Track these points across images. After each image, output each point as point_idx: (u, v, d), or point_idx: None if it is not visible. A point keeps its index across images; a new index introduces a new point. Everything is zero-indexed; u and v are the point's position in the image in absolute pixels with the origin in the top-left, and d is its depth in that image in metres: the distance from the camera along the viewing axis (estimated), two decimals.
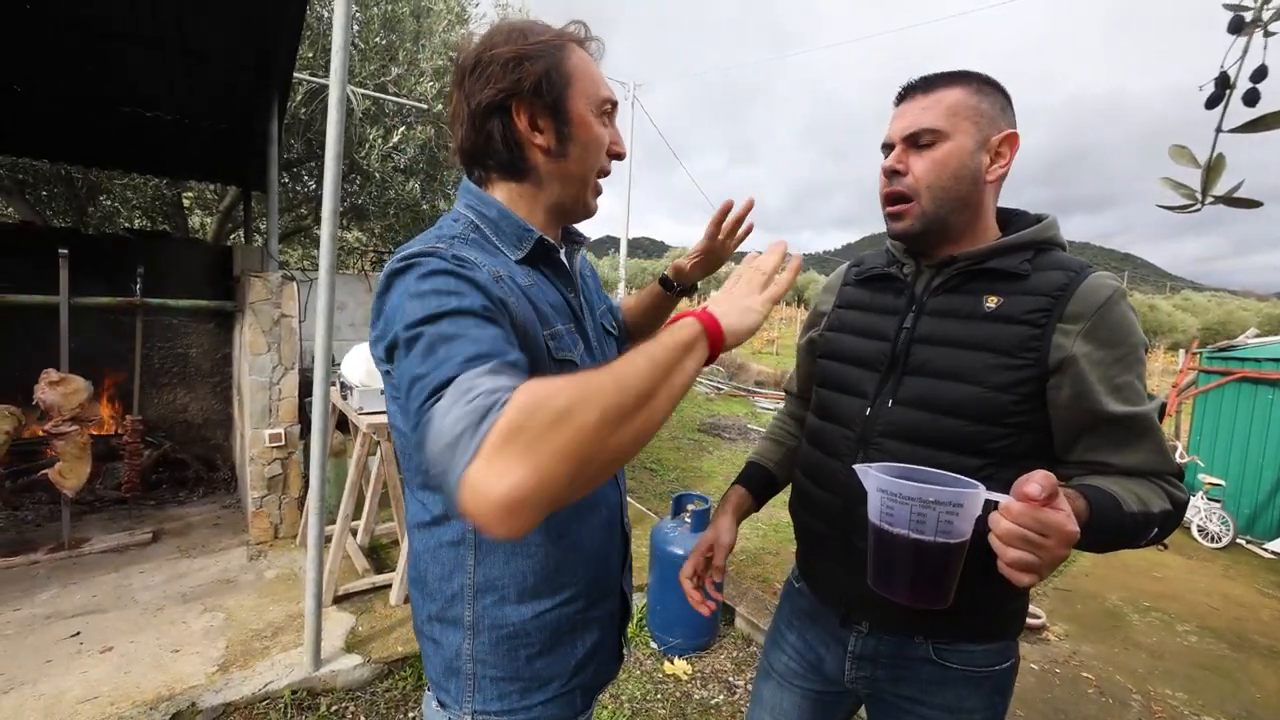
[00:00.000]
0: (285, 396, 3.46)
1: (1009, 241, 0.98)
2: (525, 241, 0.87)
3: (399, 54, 3.64)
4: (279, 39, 2.85)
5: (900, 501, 0.77)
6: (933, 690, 1.05)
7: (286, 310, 3.42)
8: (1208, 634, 3.64)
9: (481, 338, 0.65)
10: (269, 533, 3.49)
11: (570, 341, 0.87)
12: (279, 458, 3.46)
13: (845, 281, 1.24)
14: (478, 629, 0.87)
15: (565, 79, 0.85)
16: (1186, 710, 2.87)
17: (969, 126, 0.95)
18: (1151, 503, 0.86)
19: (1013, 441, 0.94)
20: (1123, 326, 0.91)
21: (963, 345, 0.97)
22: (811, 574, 1.20)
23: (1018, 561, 0.71)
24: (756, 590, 3.42)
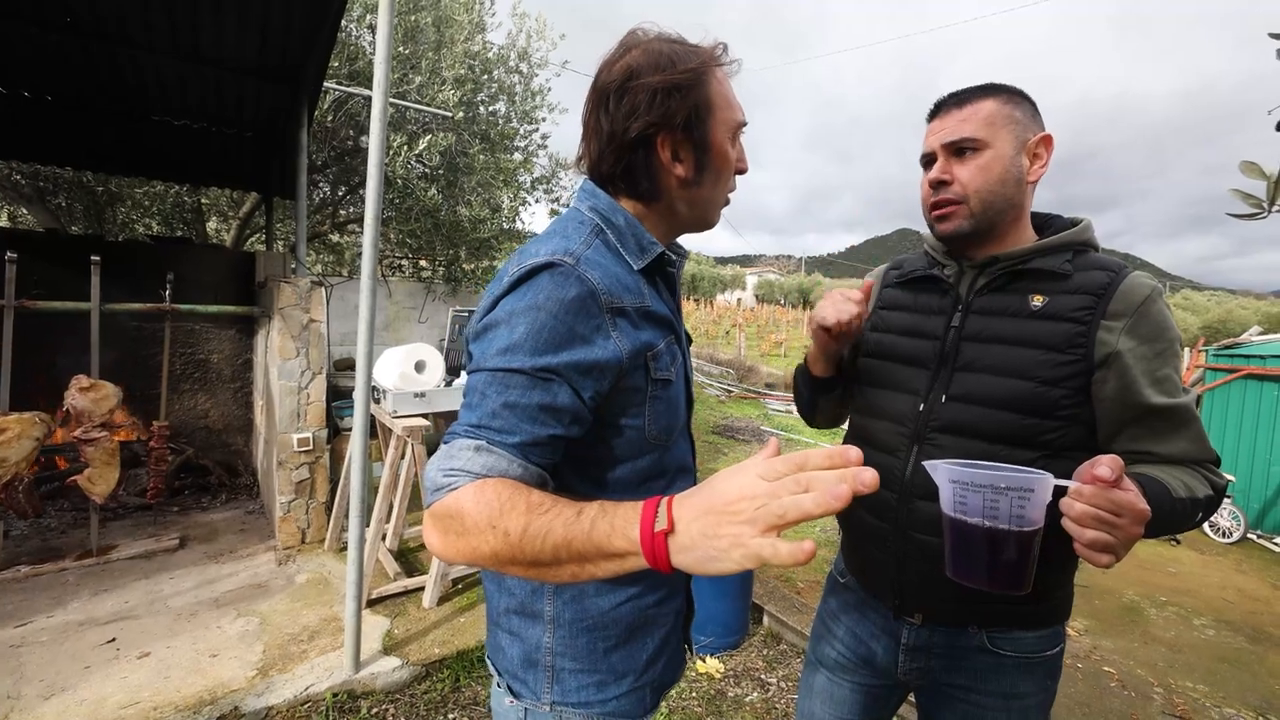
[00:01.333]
0: (313, 401, 3.48)
1: (1050, 243, 1.03)
2: (648, 254, 0.88)
3: (421, 63, 3.68)
4: (311, 52, 2.89)
5: (973, 490, 0.78)
6: (987, 678, 1.07)
7: (315, 315, 3.45)
8: (1224, 627, 3.68)
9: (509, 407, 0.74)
10: (296, 537, 3.51)
11: (669, 359, 0.89)
12: (307, 462, 3.48)
13: (886, 283, 1.27)
14: (559, 622, 0.89)
15: (709, 111, 0.87)
16: (1208, 703, 2.90)
17: (1006, 134, 1.01)
18: (1196, 489, 0.90)
19: (1062, 434, 0.98)
20: (1161, 323, 0.96)
21: (1012, 342, 1.01)
22: (861, 568, 1.22)
23: (1096, 542, 0.74)
24: (783, 589, 3.45)
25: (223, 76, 3.04)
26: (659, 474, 0.90)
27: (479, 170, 4.05)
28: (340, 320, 4.76)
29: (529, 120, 4.79)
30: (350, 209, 5.28)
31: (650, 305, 0.87)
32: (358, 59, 3.70)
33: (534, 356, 0.74)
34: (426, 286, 5.45)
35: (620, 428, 0.84)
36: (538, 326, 0.75)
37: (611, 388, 0.80)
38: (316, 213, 5.16)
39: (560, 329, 0.75)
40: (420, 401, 2.98)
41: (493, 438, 0.73)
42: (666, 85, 0.83)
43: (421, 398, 2.99)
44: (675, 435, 0.92)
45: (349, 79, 3.53)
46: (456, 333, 3.38)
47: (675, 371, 0.90)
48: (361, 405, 2.30)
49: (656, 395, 0.86)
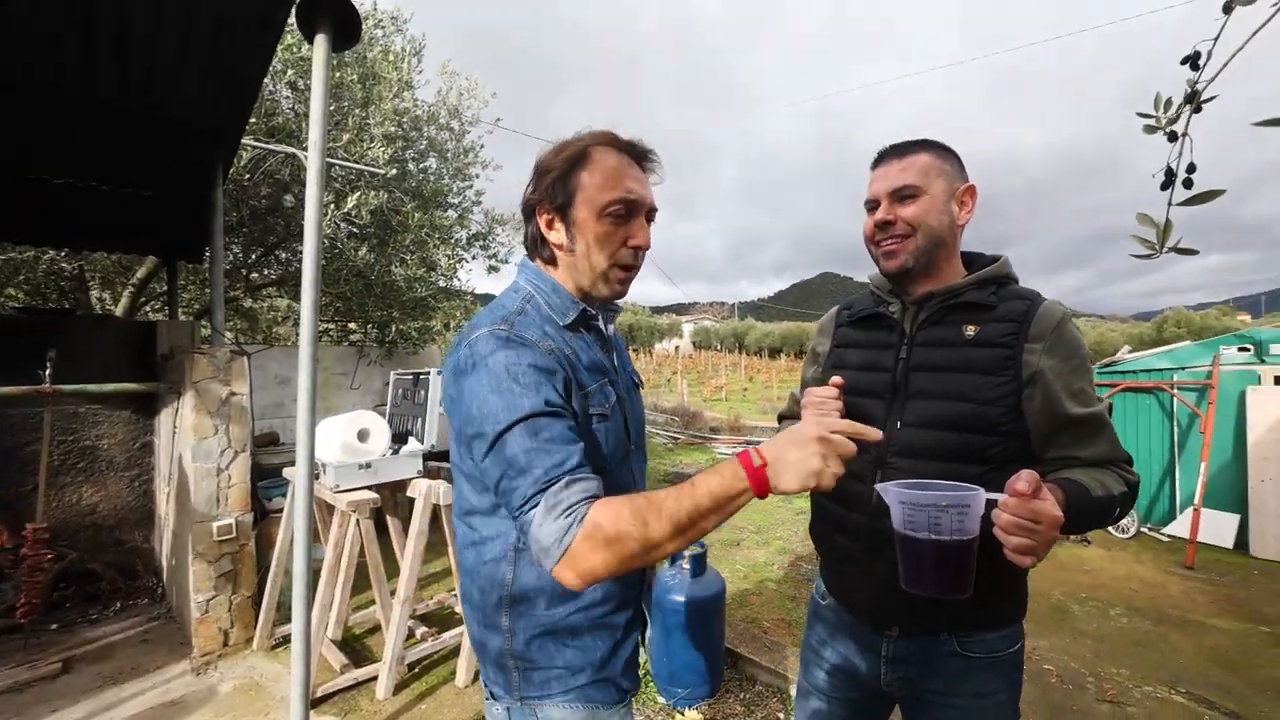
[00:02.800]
0: (236, 483, 3.14)
1: (977, 278, 1.17)
2: (571, 311, 1.06)
3: (348, 120, 3.57)
4: (233, 106, 2.73)
5: (919, 509, 0.90)
6: (961, 680, 1.17)
7: (236, 388, 3.15)
8: (1134, 614, 4.02)
9: (554, 441, 0.87)
10: (218, 640, 3.09)
11: (602, 398, 1.03)
12: (229, 552, 3.11)
13: (839, 323, 1.40)
14: (514, 631, 1.03)
15: (573, 189, 1.02)
16: (1130, 684, 3.14)
17: (940, 182, 1.14)
18: (1112, 487, 1.04)
19: (1004, 448, 1.10)
20: (1074, 342, 1.11)
21: (953, 369, 1.14)
22: (840, 589, 1.31)
23: (1019, 547, 0.86)
24: (752, 630, 3.41)
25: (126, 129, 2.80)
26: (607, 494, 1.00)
27: (413, 228, 3.93)
28: (260, 392, 4.37)
29: (463, 177, 4.74)
30: (265, 271, 4.92)
31: (579, 353, 1.03)
32: (275, 115, 3.54)
33: (530, 401, 0.88)
34: (358, 350, 5.19)
35: None
36: (515, 378, 0.90)
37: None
38: (227, 276, 4.79)
39: (531, 374, 0.91)
40: (366, 473, 2.77)
41: (563, 472, 0.85)
42: (543, 168, 1.05)
43: (367, 469, 2.77)
44: (614, 465, 1.05)
45: (267, 135, 3.36)
46: (401, 397, 3.20)
47: (610, 409, 1.04)
48: (305, 482, 2.09)
49: (593, 429, 1.00)
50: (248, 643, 3.14)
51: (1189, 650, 3.56)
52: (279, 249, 4.51)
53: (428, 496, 2.68)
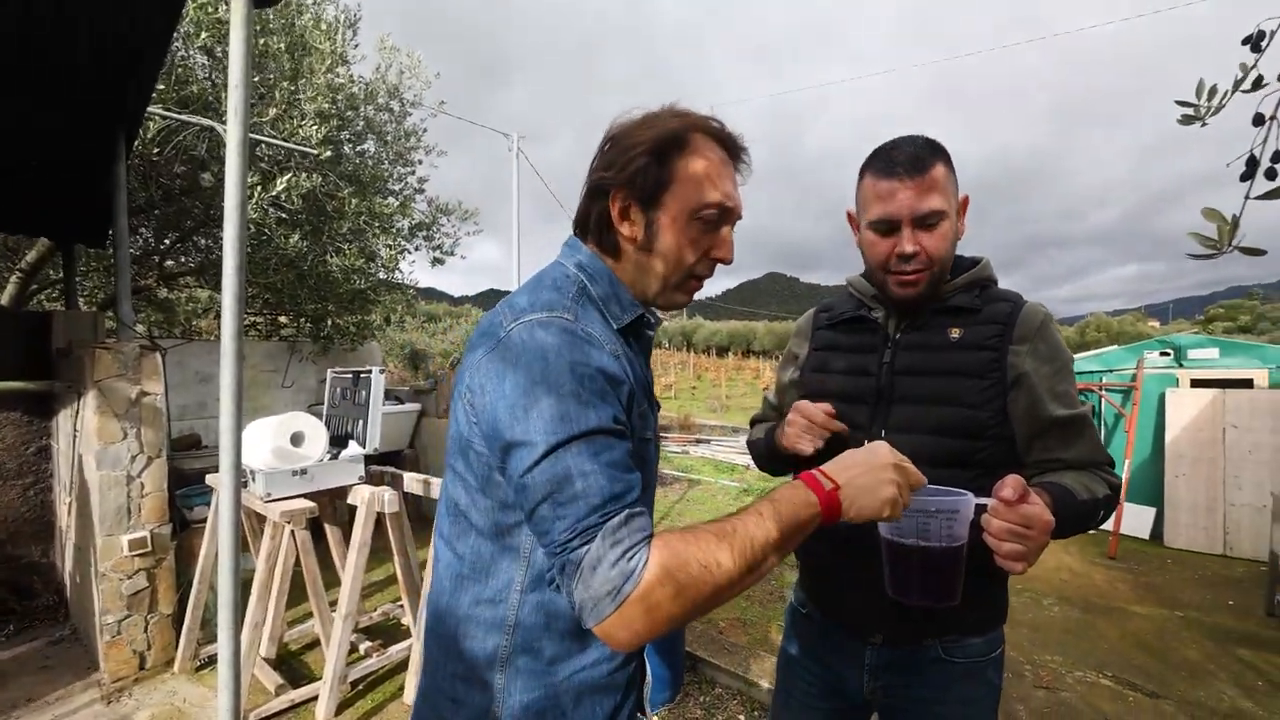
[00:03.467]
0: (150, 491, 2.84)
1: (961, 282, 1.15)
2: (628, 313, 0.88)
3: (275, 93, 3.25)
4: (136, 67, 2.42)
5: (906, 515, 0.86)
6: (945, 686, 1.15)
7: (149, 387, 2.84)
8: (1065, 603, 4.27)
9: (616, 467, 0.73)
10: (132, 664, 2.80)
11: (648, 421, 0.89)
12: (144, 568, 2.82)
13: (817, 326, 1.36)
14: (508, 693, 0.84)
15: (667, 177, 0.85)
16: (1063, 670, 3.35)
17: (952, 200, 1.10)
18: (1096, 489, 1.03)
19: (991, 452, 1.08)
20: (1056, 344, 1.10)
21: (939, 373, 1.12)
22: (822, 598, 1.28)
23: (1011, 553, 0.85)
24: (710, 632, 3.40)
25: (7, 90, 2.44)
26: None
27: (350, 215, 3.64)
28: (178, 390, 3.99)
29: (404, 162, 4.43)
30: (182, 259, 4.46)
31: (631, 364, 0.86)
32: (189, 83, 3.19)
33: (600, 411, 0.74)
34: (290, 346, 4.79)
35: None
36: (581, 382, 0.74)
37: None
38: (137, 263, 4.34)
39: (600, 381, 0.76)
40: (301, 480, 2.55)
41: (625, 504, 0.72)
42: (636, 143, 0.85)
43: (303, 475, 2.56)
44: (646, 499, 0.87)
45: (179, 105, 3.01)
46: (339, 396, 2.97)
47: (652, 434, 0.90)
48: (230, 492, 1.89)
49: (638, 451, 0.83)
50: (168, 665, 2.87)
51: (1114, 636, 3.80)
52: (197, 234, 4.09)
53: (371, 505, 2.50)
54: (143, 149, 2.99)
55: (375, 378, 2.76)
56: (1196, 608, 4.22)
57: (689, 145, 0.86)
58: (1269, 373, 5.57)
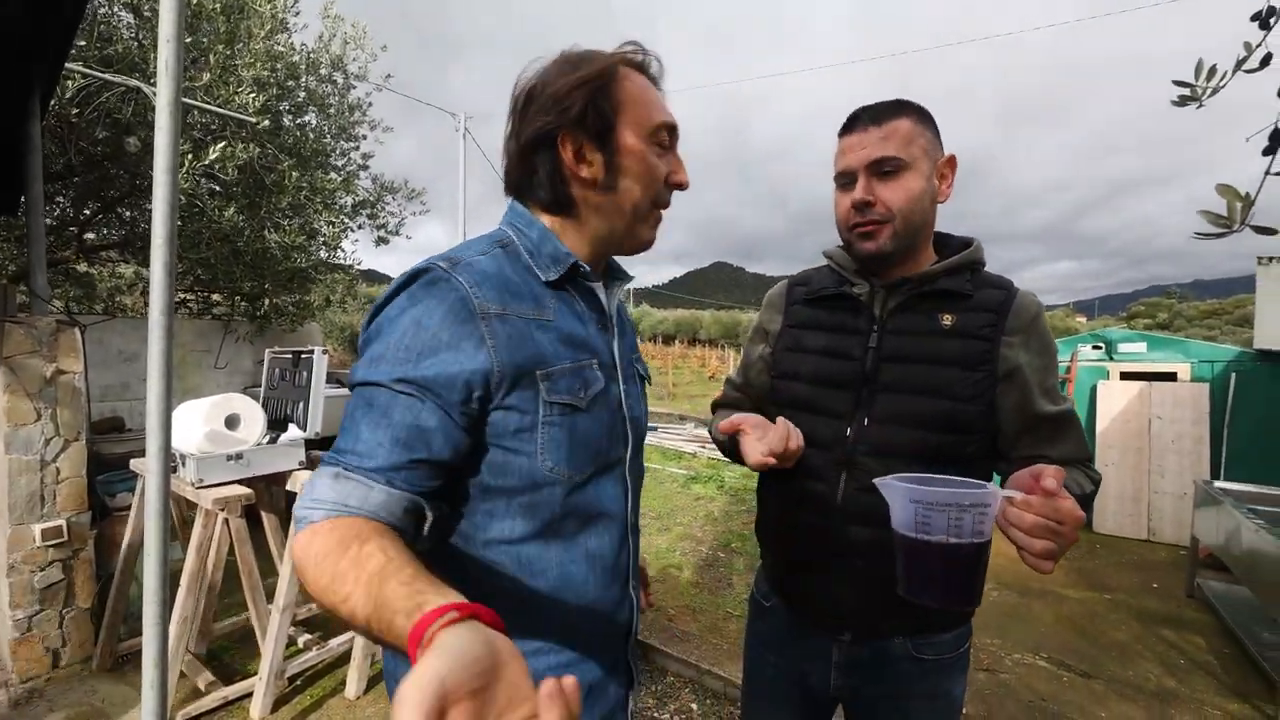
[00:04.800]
0: (67, 477, 2.64)
1: (952, 264, 1.07)
2: (560, 265, 0.83)
3: (209, 57, 3.04)
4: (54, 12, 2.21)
5: (938, 510, 0.79)
6: (913, 683, 1.11)
7: (65, 365, 2.64)
8: (1003, 588, 4.45)
9: (376, 426, 0.70)
10: (45, 662, 2.61)
11: (575, 383, 0.80)
12: (59, 559, 2.62)
13: (792, 300, 1.25)
14: None
15: (615, 107, 0.82)
16: (1002, 653, 3.49)
17: (922, 154, 1.03)
18: (1085, 485, 1.00)
19: (976, 447, 1.04)
20: (1047, 337, 1.06)
21: (930, 361, 1.04)
22: (790, 592, 1.21)
23: (1045, 551, 0.78)
24: (661, 620, 3.40)
25: None
26: (568, 514, 0.81)
27: (290, 189, 3.45)
28: (99, 370, 3.72)
29: (347, 136, 4.22)
30: (106, 231, 4.13)
31: (557, 321, 0.81)
32: (113, 41, 2.94)
33: (395, 368, 0.71)
34: (224, 325, 4.50)
35: (507, 453, 0.76)
36: (399, 335, 0.72)
37: (491, 406, 0.74)
38: (53, 234, 4.01)
39: (423, 336, 0.72)
40: (237, 465, 2.41)
41: (351, 462, 0.70)
42: (569, 85, 0.81)
43: (238, 460, 2.42)
44: (593, 474, 0.82)
45: (101, 64, 2.78)
46: (278, 378, 2.82)
47: (589, 399, 0.81)
48: (159, 478, 1.77)
49: (553, 421, 0.77)
50: (85, 663, 2.70)
51: (1049, 619, 3.99)
52: (121, 205, 3.79)
53: None
54: (60, 109, 2.76)
55: (318, 358, 2.63)
56: (1124, 591, 4.46)
57: (621, 75, 0.84)
58: (1192, 366, 5.91)
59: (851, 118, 1.07)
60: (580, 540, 0.83)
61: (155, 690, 1.78)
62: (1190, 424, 5.63)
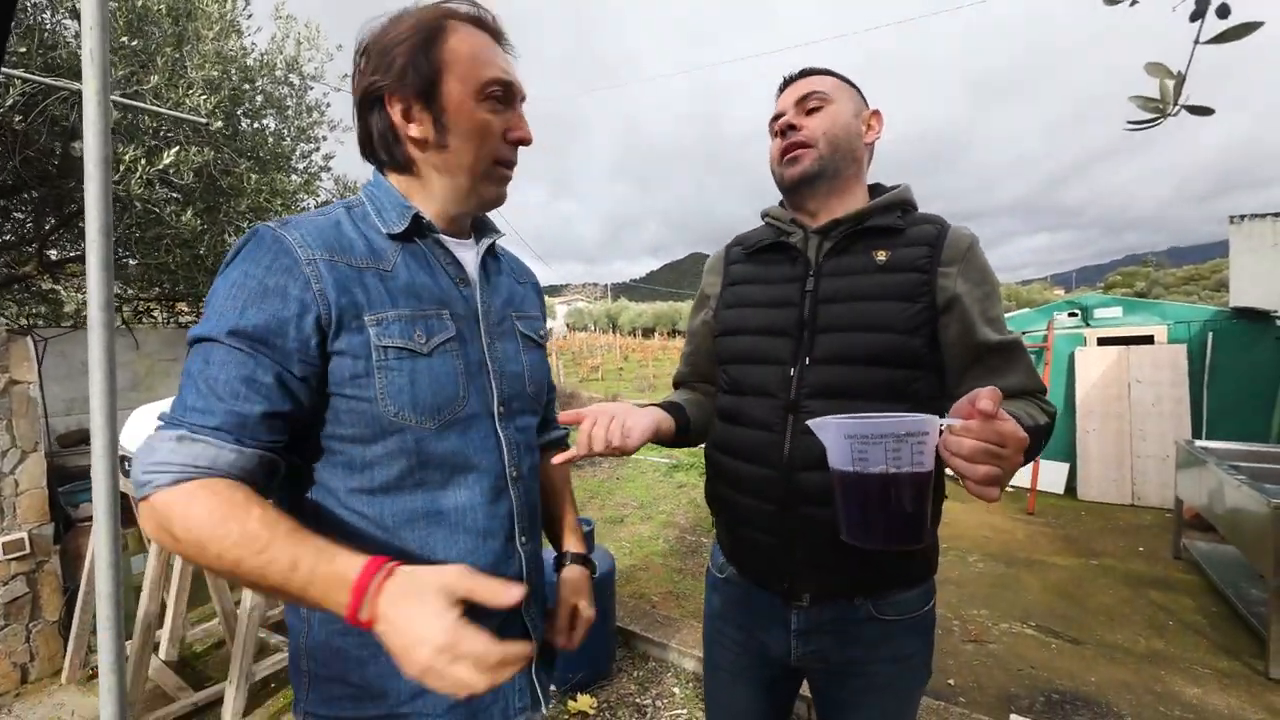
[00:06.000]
0: (27, 489, 2.60)
1: (881, 202, 1.10)
2: (403, 218, 0.85)
3: (156, 60, 2.99)
4: None
5: (874, 442, 0.77)
6: (877, 646, 1.09)
7: (18, 375, 2.60)
8: (989, 559, 4.46)
9: (212, 382, 0.70)
10: (13, 678, 2.57)
11: (415, 329, 0.81)
12: (23, 572, 2.59)
13: (731, 260, 1.27)
14: (311, 621, 0.83)
15: (438, 63, 0.81)
16: (989, 623, 3.49)
17: (845, 97, 1.12)
18: (1037, 417, 0.96)
19: (924, 383, 1.03)
20: (985, 267, 1.06)
21: (866, 298, 1.05)
22: (742, 557, 1.18)
23: (987, 476, 0.74)
24: (643, 606, 3.38)
25: None
26: (427, 464, 0.81)
27: (249, 192, 3.41)
28: (66, 383, 3.67)
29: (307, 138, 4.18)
30: (69, 247, 4.08)
31: (397, 271, 0.82)
32: (57, 47, 2.90)
33: (225, 320, 0.71)
34: None
35: (349, 401, 0.77)
36: (228, 289, 0.73)
37: (329, 351, 0.75)
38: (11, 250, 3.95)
39: (249, 285, 0.73)
40: None
41: (194, 422, 0.69)
42: (392, 41, 0.81)
43: None
44: (449, 423, 0.82)
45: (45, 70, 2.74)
46: None
47: (433, 346, 0.82)
48: (105, 483, 1.73)
49: (389, 365, 0.77)
50: (55, 676, 2.66)
51: (1036, 587, 3.99)
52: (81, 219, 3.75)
53: None
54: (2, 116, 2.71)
55: None
56: (1111, 556, 4.48)
57: (448, 30, 0.83)
58: (1169, 328, 5.95)
59: (786, 78, 1.16)
60: (448, 492, 0.83)
61: (113, 695, 1.73)
62: (1169, 385, 5.66)
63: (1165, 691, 2.81)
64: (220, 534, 0.63)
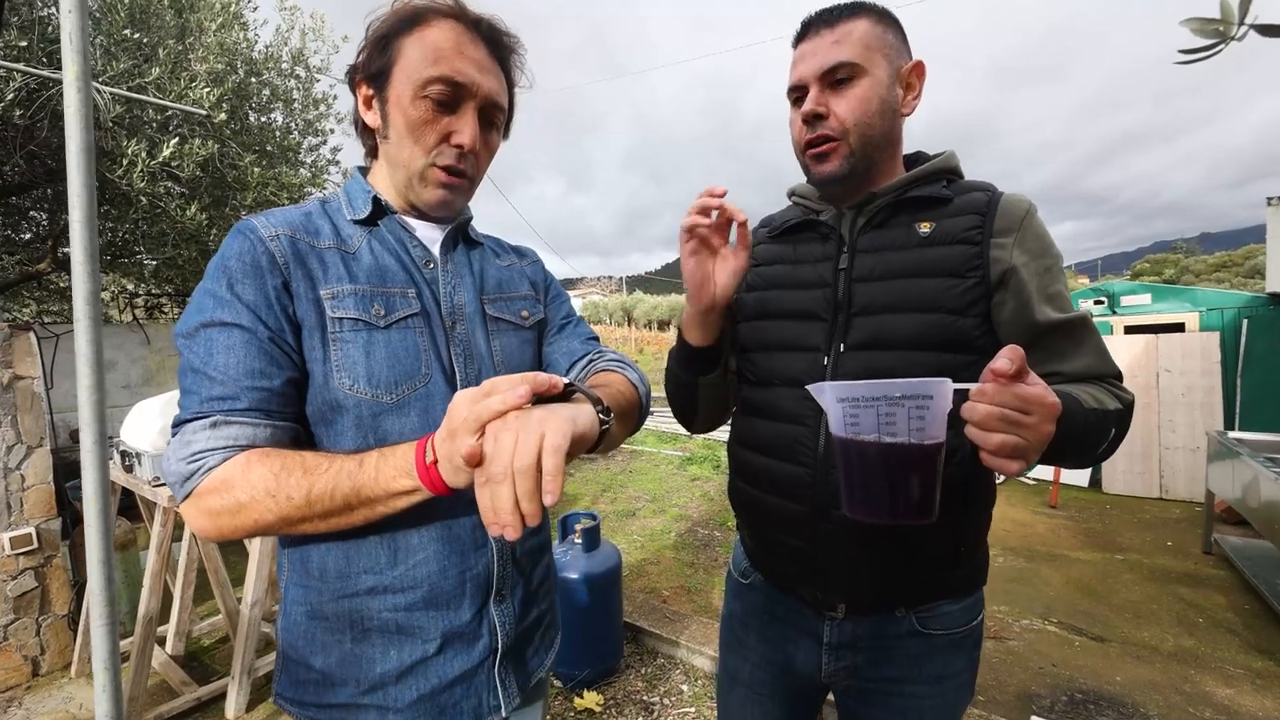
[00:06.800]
0: (34, 484, 2.62)
1: (922, 171, 0.97)
2: (366, 203, 0.88)
3: (159, 52, 2.98)
4: None
5: (865, 405, 0.70)
6: (919, 664, 0.98)
7: (22, 370, 2.60)
8: (1009, 553, 4.33)
9: (226, 367, 0.71)
10: (24, 671, 2.60)
11: (366, 303, 0.80)
12: (32, 566, 2.60)
13: (757, 241, 1.15)
14: (285, 599, 0.85)
15: (393, 54, 0.81)
16: (1009, 619, 3.37)
17: (881, 59, 0.92)
18: (1106, 401, 0.84)
19: (977, 369, 0.88)
20: (1045, 237, 0.93)
21: (908, 274, 0.93)
22: (770, 562, 1.08)
23: (1003, 446, 0.64)
24: (652, 601, 3.32)
25: None
26: (384, 441, 0.78)
27: (254, 185, 3.39)
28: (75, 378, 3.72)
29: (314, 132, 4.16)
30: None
31: (360, 252, 0.84)
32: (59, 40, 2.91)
33: (219, 305, 0.73)
34: None
35: (312, 375, 0.78)
36: (214, 277, 0.75)
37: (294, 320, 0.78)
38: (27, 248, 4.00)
39: (231, 267, 0.75)
40: None
41: (221, 408, 0.70)
42: (372, 29, 0.84)
43: None
44: (408, 398, 0.80)
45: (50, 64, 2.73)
46: None
47: (391, 320, 0.81)
48: (95, 475, 1.71)
49: (342, 337, 0.78)
50: (65, 670, 2.68)
51: (1058, 582, 3.86)
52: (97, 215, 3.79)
53: None
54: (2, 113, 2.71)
55: None
56: (1137, 550, 4.32)
57: (420, 23, 0.82)
58: (1200, 315, 5.71)
59: (804, 23, 0.96)
60: None
61: (108, 693, 1.71)
62: (1200, 375, 5.44)
63: (1195, 692, 2.69)
64: (285, 476, 0.67)
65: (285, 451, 0.71)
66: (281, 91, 3.96)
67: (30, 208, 3.81)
